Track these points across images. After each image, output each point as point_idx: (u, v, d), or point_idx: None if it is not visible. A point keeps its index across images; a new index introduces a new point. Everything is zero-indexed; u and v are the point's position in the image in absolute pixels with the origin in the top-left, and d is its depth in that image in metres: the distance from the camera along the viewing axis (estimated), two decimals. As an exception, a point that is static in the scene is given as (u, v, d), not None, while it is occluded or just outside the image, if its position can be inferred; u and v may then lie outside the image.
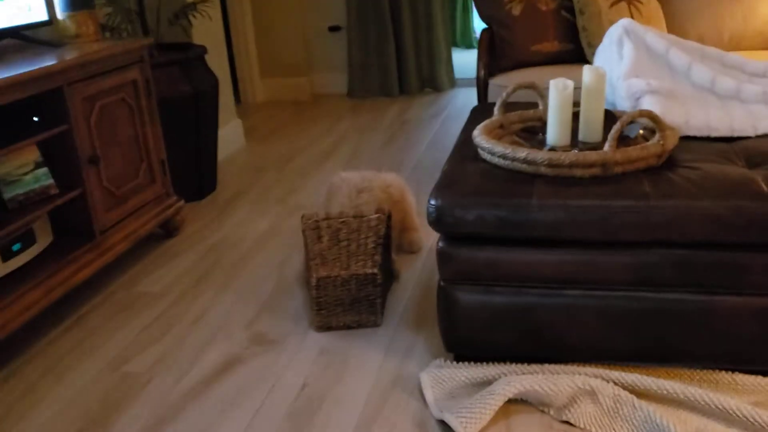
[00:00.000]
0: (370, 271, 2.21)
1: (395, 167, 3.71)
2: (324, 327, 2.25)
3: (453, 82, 5.36)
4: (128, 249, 2.73)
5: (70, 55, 2.42)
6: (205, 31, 3.85)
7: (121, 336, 2.32)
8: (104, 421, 1.91)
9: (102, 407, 1.97)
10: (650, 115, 1.83)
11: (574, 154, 1.79)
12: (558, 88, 1.88)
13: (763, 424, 1.67)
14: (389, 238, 2.45)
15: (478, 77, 3.13)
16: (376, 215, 2.33)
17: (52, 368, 2.17)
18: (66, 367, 2.17)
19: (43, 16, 2.66)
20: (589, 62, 3.12)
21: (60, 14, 2.71)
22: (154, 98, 2.84)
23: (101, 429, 1.88)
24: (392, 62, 5.15)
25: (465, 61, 6.15)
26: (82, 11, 2.72)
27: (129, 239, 2.64)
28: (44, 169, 2.36)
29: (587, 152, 1.79)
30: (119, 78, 2.62)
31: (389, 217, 2.41)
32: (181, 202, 3.02)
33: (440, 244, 1.89)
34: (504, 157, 1.89)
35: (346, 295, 2.22)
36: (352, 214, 2.36)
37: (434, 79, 5.26)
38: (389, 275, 2.47)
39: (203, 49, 3.32)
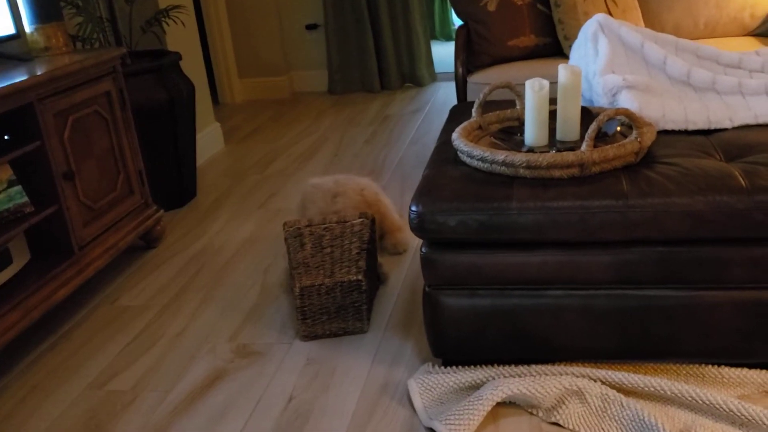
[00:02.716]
0: (354, 278, 2.20)
1: (378, 165, 3.69)
2: (310, 336, 2.23)
3: (434, 77, 5.34)
4: (108, 263, 2.71)
5: (40, 69, 2.38)
6: (180, 35, 3.81)
7: (104, 353, 2.29)
8: (90, 443, 1.89)
9: (87, 427, 1.95)
10: (627, 113, 1.82)
11: (551, 156, 1.78)
12: (534, 88, 1.87)
13: (749, 417, 1.68)
14: (374, 242, 2.44)
15: (456, 75, 3.12)
16: (360, 219, 2.31)
17: (35, 389, 2.14)
18: (49, 388, 2.14)
19: (10, 29, 2.62)
20: (566, 55, 3.12)
21: (28, 27, 2.67)
22: (128, 109, 2.81)
23: (87, 451, 1.87)
24: (372, 58, 5.12)
25: (445, 53, 6.13)
26: (51, 23, 2.67)
27: (109, 253, 2.62)
28: (18, 187, 2.32)
29: (565, 153, 1.78)
30: (92, 90, 2.59)
31: (373, 221, 2.40)
32: (161, 212, 2.99)
33: (423, 249, 1.88)
34: (483, 160, 1.88)
35: (331, 303, 2.20)
36: (335, 219, 2.34)
37: (414, 75, 5.24)
38: (375, 280, 2.46)
39: (178, 56, 3.28)
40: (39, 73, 2.32)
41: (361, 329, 2.24)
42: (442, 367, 1.99)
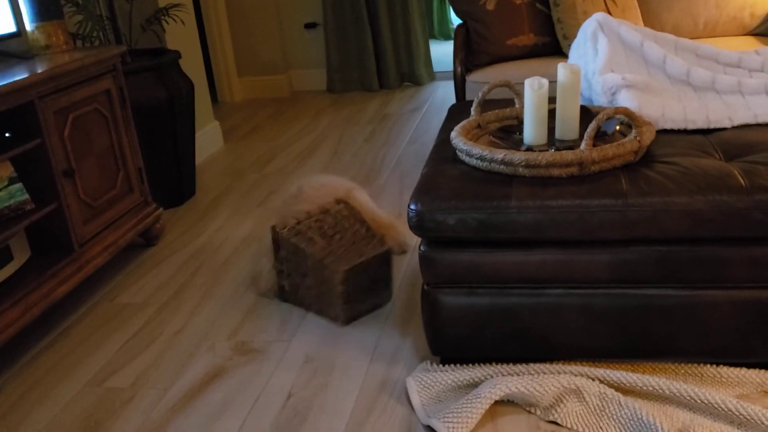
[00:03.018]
0: (383, 249, 2.27)
1: (377, 164, 3.69)
2: (351, 318, 2.28)
3: (432, 76, 5.35)
4: (108, 261, 2.71)
5: (41, 67, 2.38)
6: (179, 34, 3.81)
7: (103, 350, 2.30)
8: (89, 440, 1.90)
9: (86, 425, 1.95)
10: (626, 112, 1.83)
11: (551, 154, 1.78)
12: (533, 87, 1.87)
13: (747, 417, 1.68)
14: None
15: (455, 74, 3.12)
16: (340, 204, 2.40)
17: (35, 386, 2.15)
18: (49, 385, 2.15)
19: (11, 27, 2.62)
20: (565, 54, 3.12)
21: (29, 25, 2.67)
22: (128, 107, 2.81)
23: (86, 448, 1.87)
24: (370, 57, 5.12)
25: (444, 52, 6.13)
26: (51, 21, 2.68)
27: (109, 251, 2.62)
28: (19, 185, 2.32)
29: (564, 152, 1.78)
30: (92, 88, 2.59)
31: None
32: (160, 210, 2.99)
33: (422, 248, 1.88)
34: (482, 158, 1.88)
35: (366, 280, 2.26)
36: (318, 210, 2.40)
37: (413, 74, 5.24)
38: None
39: (177, 54, 3.28)
40: (39, 71, 2.33)
41: (388, 298, 2.35)
42: (441, 365, 1.99)
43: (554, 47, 3.19)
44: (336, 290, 2.22)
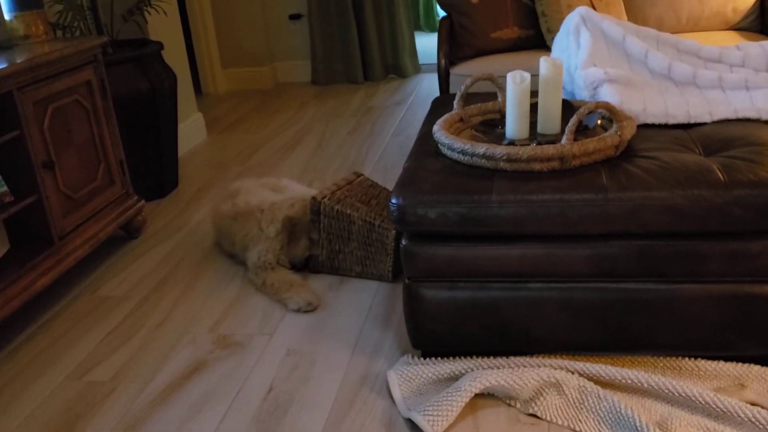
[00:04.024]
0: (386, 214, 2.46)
1: (361, 156, 3.69)
2: (397, 274, 2.47)
3: (417, 68, 5.34)
4: (89, 253, 2.69)
5: (20, 57, 2.35)
6: (162, 24, 3.78)
7: (84, 343, 2.28)
8: (68, 434, 1.89)
9: (66, 418, 1.94)
10: (607, 107, 1.83)
11: (531, 149, 1.79)
12: (515, 81, 1.87)
13: (724, 410, 1.70)
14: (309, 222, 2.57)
15: (439, 67, 3.12)
16: (360, 176, 2.66)
17: (14, 379, 2.13)
18: (28, 378, 2.13)
19: (-11, 17, 2.59)
20: (549, 47, 3.12)
21: (7, 15, 2.64)
22: (109, 98, 2.78)
23: (65, 442, 1.86)
24: (355, 49, 5.11)
25: (430, 44, 6.12)
26: (31, 11, 2.65)
27: (89, 243, 2.60)
28: (-3, 177, 2.30)
29: (545, 146, 1.79)
30: (72, 79, 2.56)
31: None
32: (142, 202, 2.97)
33: (404, 242, 1.88)
34: (464, 152, 1.88)
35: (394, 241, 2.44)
36: (303, 198, 2.57)
37: (398, 66, 5.23)
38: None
39: (159, 45, 3.26)
40: (18, 61, 2.30)
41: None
42: (422, 359, 1.99)
43: (538, 40, 3.19)
44: (387, 248, 2.41)
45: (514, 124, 1.92)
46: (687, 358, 1.89)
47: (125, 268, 2.75)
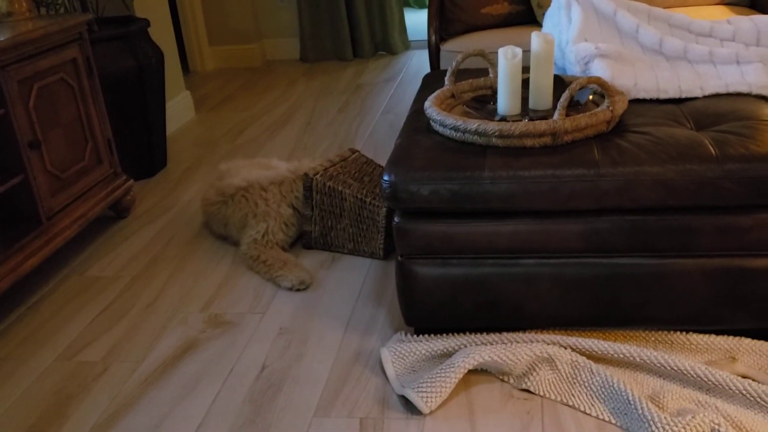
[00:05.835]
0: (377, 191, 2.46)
1: (351, 134, 3.67)
2: (389, 252, 2.47)
3: (407, 45, 5.30)
4: (78, 233, 2.67)
5: (3, 35, 2.31)
6: (148, 1, 3.73)
7: (74, 324, 2.27)
8: (61, 413, 1.88)
9: (57, 399, 1.93)
10: (599, 82, 1.82)
11: (524, 125, 1.78)
12: (507, 56, 1.86)
13: (716, 383, 1.71)
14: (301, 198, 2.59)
15: (429, 43, 3.09)
16: (354, 153, 2.69)
17: (4, 361, 2.12)
18: (19, 359, 2.12)
19: (-28, -6, 2.54)
20: (540, 23, 3.10)
21: (-10, -8, 2.59)
22: (96, 76, 2.75)
23: (58, 420, 1.85)
24: (344, 26, 5.06)
25: (419, 21, 6.07)
26: (13, -12, 2.60)
27: (78, 223, 2.58)
28: (-17, 157, 2.27)
29: (537, 122, 1.78)
30: (57, 57, 2.53)
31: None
32: (131, 182, 2.94)
33: (396, 219, 1.87)
34: (455, 129, 1.87)
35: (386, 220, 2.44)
36: (292, 170, 2.63)
37: (388, 42, 5.19)
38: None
39: (146, 22, 3.21)
40: (2, 39, 2.26)
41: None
42: (415, 336, 1.99)
43: (529, 16, 3.17)
44: (378, 226, 2.41)
45: (506, 100, 1.91)
46: (679, 332, 1.90)
47: (114, 248, 2.73)
